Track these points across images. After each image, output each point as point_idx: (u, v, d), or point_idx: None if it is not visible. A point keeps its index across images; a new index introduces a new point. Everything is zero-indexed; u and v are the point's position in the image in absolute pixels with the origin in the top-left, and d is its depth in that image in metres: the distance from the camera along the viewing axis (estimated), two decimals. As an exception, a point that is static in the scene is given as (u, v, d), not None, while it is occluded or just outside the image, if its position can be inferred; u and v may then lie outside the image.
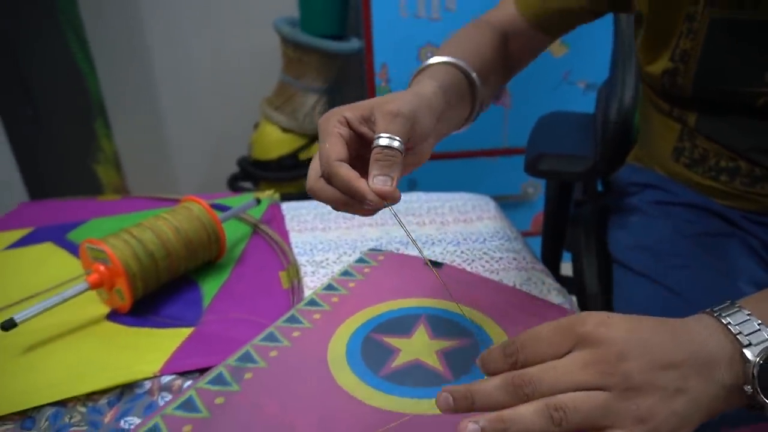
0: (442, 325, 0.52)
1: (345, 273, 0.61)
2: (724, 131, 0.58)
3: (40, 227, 0.75)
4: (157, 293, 0.59)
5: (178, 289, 0.60)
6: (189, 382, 0.46)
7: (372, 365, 0.47)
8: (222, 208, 0.73)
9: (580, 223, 0.72)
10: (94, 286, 0.54)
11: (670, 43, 0.57)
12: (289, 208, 0.80)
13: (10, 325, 0.49)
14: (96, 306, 0.57)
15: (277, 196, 0.83)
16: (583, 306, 0.69)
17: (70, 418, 0.43)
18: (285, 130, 1.68)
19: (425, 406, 0.43)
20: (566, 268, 0.87)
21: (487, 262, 0.64)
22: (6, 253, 0.69)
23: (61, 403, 0.44)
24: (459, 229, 0.72)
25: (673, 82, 0.58)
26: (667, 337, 0.32)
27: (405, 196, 0.83)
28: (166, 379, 0.46)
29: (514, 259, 0.65)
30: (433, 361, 0.47)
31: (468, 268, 0.63)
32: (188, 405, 0.43)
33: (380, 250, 0.67)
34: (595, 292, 0.63)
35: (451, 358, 0.48)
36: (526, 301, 0.55)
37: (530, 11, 0.59)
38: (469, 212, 0.76)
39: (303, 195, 1.93)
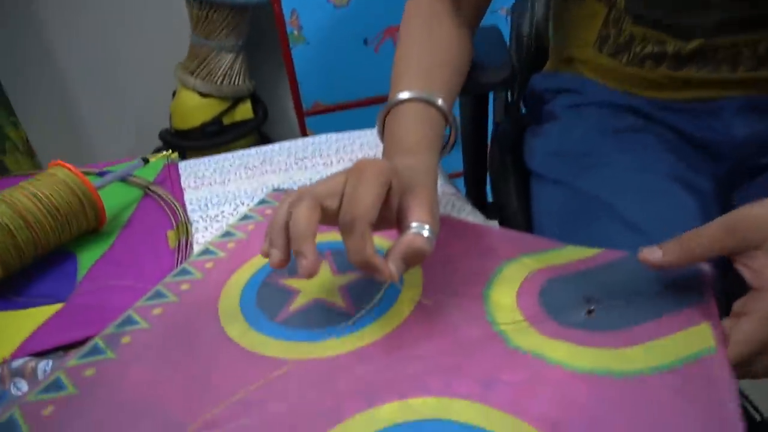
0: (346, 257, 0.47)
1: (244, 218, 0.56)
2: (654, 10, 0.55)
3: None
4: (26, 271, 0.52)
5: (51, 264, 0.54)
6: (45, 362, 0.40)
7: (268, 311, 0.42)
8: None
9: (496, 141, 0.67)
10: (-60, 270, 0.47)
11: None
12: (187, 165, 0.73)
13: None
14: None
15: (175, 155, 0.76)
16: (506, 226, 0.66)
17: None
18: (204, 95, 1.58)
19: (317, 348, 0.38)
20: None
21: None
22: None
23: None
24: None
25: None
26: None
27: (313, 139, 0.77)
28: (17, 362, 0.40)
29: (425, 185, 0.60)
30: (334, 297, 0.43)
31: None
32: (53, 386, 0.37)
33: (284, 190, 0.61)
34: (514, 209, 0.60)
35: (354, 290, 0.43)
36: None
37: None
38: (381, 146, 0.71)
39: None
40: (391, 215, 0.38)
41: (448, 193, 0.59)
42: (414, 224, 0.37)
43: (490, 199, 0.83)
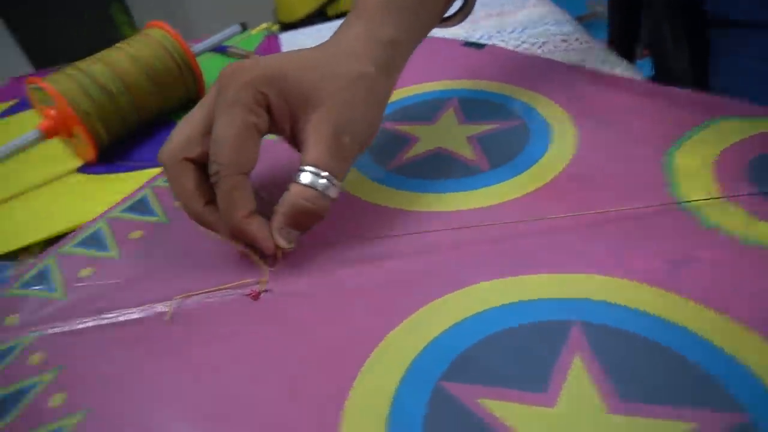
0: (478, 108, 0.40)
1: None
2: None
3: (25, 97, 0.68)
4: (131, 138, 0.50)
5: (154, 132, 0.51)
6: (143, 219, 0.37)
7: (379, 158, 0.36)
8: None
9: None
10: (48, 132, 0.46)
11: None
12: (287, 36, 0.67)
13: (-47, 182, 0.43)
14: (70, 161, 0.50)
15: (275, 27, 0.70)
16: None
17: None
18: (307, -18, 1.50)
19: (439, 201, 0.32)
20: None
21: (527, 49, 0.49)
22: (-12, 126, 0.63)
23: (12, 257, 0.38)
24: (492, 24, 0.56)
25: None
26: None
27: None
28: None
29: (564, 41, 0.49)
30: (462, 148, 0.35)
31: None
32: (141, 205, 0.35)
33: None
34: (683, 67, 0.47)
35: (489, 143, 0.36)
36: (588, 76, 0.41)
37: None
38: (505, 4, 0.60)
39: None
40: (284, 136, 0.27)
41: (596, 47, 0.47)
42: (305, 168, 0.26)
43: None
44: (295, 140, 0.27)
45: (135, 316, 0.27)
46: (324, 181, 0.26)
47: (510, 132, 0.36)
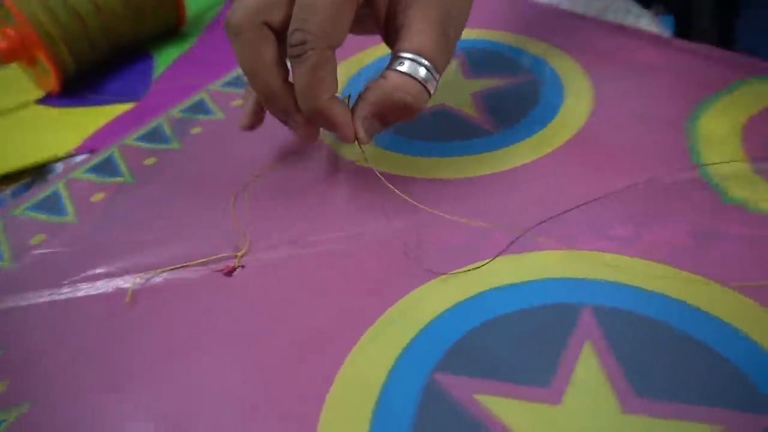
0: (486, 59, 0.36)
1: None
2: None
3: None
4: (101, 70, 0.46)
5: (126, 63, 0.46)
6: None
7: None
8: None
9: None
10: (5, 55, 0.41)
11: None
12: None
13: None
14: (29, 91, 0.45)
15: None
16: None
17: (-39, 210, 0.33)
18: None
19: (451, 166, 0.28)
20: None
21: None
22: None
23: (-41, 195, 0.34)
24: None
25: None
26: None
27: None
28: (81, 158, 0.34)
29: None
30: (465, 107, 0.32)
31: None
32: (105, 167, 0.31)
33: None
34: (707, 26, 0.43)
35: (493, 101, 0.32)
36: (607, 29, 0.37)
37: None
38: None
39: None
40: (378, 14, 0.23)
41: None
42: (404, 55, 0.22)
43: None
44: (388, 23, 0.23)
45: (92, 292, 0.24)
46: (424, 70, 0.22)
47: (518, 89, 0.33)
